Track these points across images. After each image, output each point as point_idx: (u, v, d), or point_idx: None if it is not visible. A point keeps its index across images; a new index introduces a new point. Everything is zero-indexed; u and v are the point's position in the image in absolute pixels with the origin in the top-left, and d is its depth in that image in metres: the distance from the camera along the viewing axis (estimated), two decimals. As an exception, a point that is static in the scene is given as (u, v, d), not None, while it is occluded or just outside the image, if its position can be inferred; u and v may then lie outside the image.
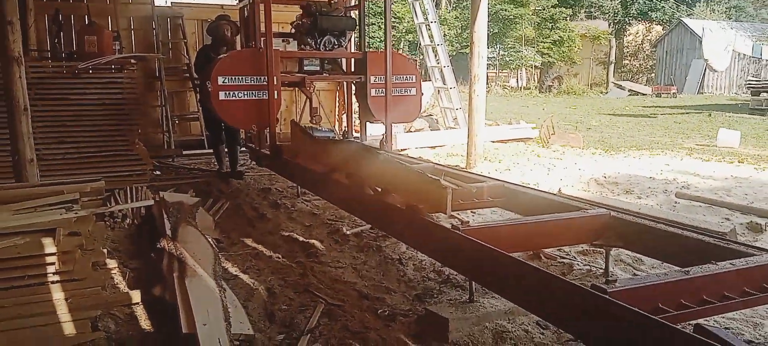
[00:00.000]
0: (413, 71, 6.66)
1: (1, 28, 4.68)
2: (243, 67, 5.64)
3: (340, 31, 6.27)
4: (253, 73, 5.65)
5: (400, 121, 6.92)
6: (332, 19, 6.16)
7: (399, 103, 6.36)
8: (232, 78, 5.58)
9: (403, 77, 6.44)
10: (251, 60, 5.70)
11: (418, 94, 6.61)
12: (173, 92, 9.48)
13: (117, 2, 9.03)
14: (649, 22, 39.26)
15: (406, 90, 6.48)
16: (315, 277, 3.88)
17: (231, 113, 5.66)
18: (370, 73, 6.22)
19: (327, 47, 6.16)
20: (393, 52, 6.49)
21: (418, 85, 6.59)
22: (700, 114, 17.58)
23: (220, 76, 5.55)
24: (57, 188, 3.62)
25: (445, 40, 13.77)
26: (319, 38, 6.11)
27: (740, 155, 9.06)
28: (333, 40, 6.19)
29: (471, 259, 2.81)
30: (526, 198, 3.72)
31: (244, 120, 5.78)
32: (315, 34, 6.10)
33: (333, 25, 6.16)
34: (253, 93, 5.65)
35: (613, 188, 6.61)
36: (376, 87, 6.27)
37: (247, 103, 5.64)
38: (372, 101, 6.26)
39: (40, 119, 6.14)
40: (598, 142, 11.07)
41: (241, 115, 5.69)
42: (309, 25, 6.13)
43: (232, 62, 5.68)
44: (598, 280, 3.53)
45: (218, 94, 5.54)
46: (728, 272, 2.31)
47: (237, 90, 5.59)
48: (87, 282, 3.06)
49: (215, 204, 5.78)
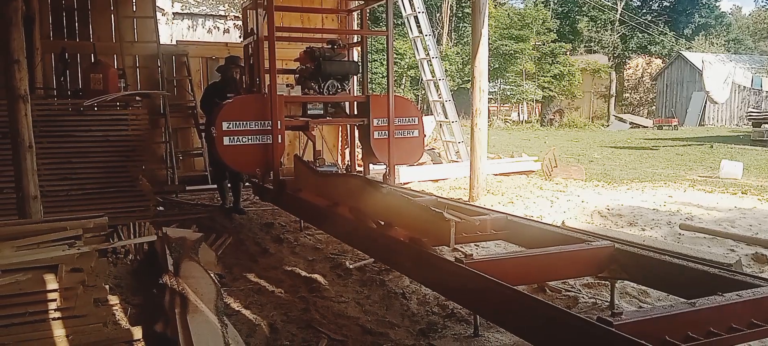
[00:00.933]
0: (415, 113, 6.74)
1: (8, 67, 4.76)
2: (247, 113, 5.70)
3: (343, 75, 6.34)
4: (257, 118, 5.70)
5: (403, 162, 7.06)
6: (335, 64, 6.24)
7: (401, 145, 6.44)
8: (237, 123, 5.64)
9: (405, 119, 6.51)
10: (255, 105, 5.76)
11: (420, 135, 6.67)
12: (177, 129, 9.55)
13: (123, 40, 9.16)
14: (649, 56, 39.62)
15: (409, 132, 6.55)
16: (318, 312, 3.84)
17: (235, 158, 5.70)
18: (372, 116, 6.29)
19: (330, 91, 6.22)
20: (395, 95, 6.58)
21: (420, 126, 6.66)
22: (701, 146, 17.61)
23: (224, 122, 5.60)
24: (60, 225, 3.64)
25: (446, 75, 13.90)
26: (323, 82, 6.18)
27: (743, 186, 9.04)
28: (336, 84, 6.25)
29: (475, 292, 2.79)
30: (529, 231, 3.71)
31: (248, 164, 5.79)
32: (318, 78, 6.17)
33: (336, 70, 6.23)
34: (257, 137, 5.71)
35: (617, 220, 6.58)
36: (378, 129, 6.34)
37: (251, 148, 5.69)
38: (375, 143, 6.33)
39: (45, 156, 6.18)
40: (601, 174, 11.07)
41: (245, 160, 5.72)
42: (312, 69, 6.19)
43: (237, 108, 5.74)
44: (604, 313, 3.49)
45: (222, 140, 5.60)
46: (735, 304, 2.28)
47: (241, 135, 5.66)
48: (89, 318, 3.05)
49: (218, 239, 5.77)
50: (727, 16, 46.86)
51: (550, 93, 32.13)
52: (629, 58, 40.38)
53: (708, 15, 42.19)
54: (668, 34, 39.92)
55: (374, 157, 6.41)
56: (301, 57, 6.49)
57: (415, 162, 7.22)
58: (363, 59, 6.85)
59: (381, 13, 24.42)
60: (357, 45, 7.20)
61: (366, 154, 6.57)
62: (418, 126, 6.64)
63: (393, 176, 6.43)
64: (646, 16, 41.31)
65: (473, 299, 2.88)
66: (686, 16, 41.63)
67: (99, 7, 9.14)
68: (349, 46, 7.09)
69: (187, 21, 24.85)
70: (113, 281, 4.43)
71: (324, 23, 10.32)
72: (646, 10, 42.52)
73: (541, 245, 3.34)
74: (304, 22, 9.56)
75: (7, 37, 4.71)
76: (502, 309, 2.62)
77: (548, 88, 31.76)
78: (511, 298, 2.53)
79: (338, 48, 6.49)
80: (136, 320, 3.74)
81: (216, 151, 5.72)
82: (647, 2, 43.56)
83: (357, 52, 7.55)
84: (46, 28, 8.70)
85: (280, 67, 6.49)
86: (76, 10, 9.02)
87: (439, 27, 36.29)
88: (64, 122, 6.71)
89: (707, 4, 42.05)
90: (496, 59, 29.98)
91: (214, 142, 5.63)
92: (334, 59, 6.29)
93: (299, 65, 6.51)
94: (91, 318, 3.06)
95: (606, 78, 35.73)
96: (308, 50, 6.36)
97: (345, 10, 9.15)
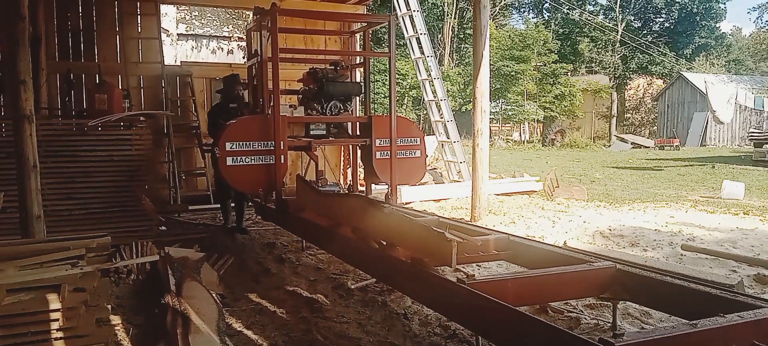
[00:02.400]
0: (417, 133, 6.79)
1: (14, 88, 4.80)
2: (251, 133, 5.76)
3: (345, 96, 6.40)
4: (260, 139, 5.77)
5: (405, 182, 7.04)
6: (338, 85, 6.31)
7: (403, 166, 6.48)
8: (240, 144, 5.70)
9: (407, 140, 6.55)
10: (259, 126, 5.84)
11: (422, 156, 6.70)
12: (181, 148, 9.60)
13: (127, 61, 9.25)
14: (650, 76, 39.79)
15: (411, 152, 6.59)
16: (319, 333, 3.84)
17: (238, 178, 5.75)
18: (374, 137, 6.34)
19: (333, 112, 6.27)
20: (397, 115, 6.63)
21: (421, 147, 6.69)
22: (703, 166, 17.61)
23: (228, 142, 5.67)
24: (63, 244, 3.65)
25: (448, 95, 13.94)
26: (326, 103, 6.24)
27: (745, 207, 9.03)
28: (339, 105, 6.30)
29: (477, 313, 2.79)
30: (531, 251, 3.71)
31: (251, 184, 5.84)
32: (321, 99, 6.22)
33: (339, 91, 6.30)
34: (261, 158, 5.77)
35: (619, 241, 6.57)
36: (381, 150, 6.38)
37: (254, 168, 5.75)
38: (377, 164, 6.37)
39: (49, 176, 6.20)
40: (603, 194, 11.07)
41: (248, 180, 5.77)
42: (315, 90, 6.25)
43: (240, 128, 5.80)
44: (606, 334, 3.48)
45: (226, 160, 5.66)
46: (737, 325, 2.29)
47: (244, 155, 5.72)
48: (91, 338, 3.04)
49: (220, 259, 5.77)
50: (728, 36, 47.10)
51: (552, 113, 32.24)
52: (630, 79, 40.57)
53: (708, 36, 42.42)
54: (669, 54, 40.12)
55: (376, 177, 6.46)
56: (304, 78, 6.55)
57: (417, 182, 7.23)
58: (365, 80, 6.91)
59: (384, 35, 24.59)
60: (360, 66, 7.28)
61: (368, 175, 6.61)
62: (420, 146, 6.69)
63: (395, 196, 6.44)
64: (646, 36, 41.55)
65: (475, 319, 2.88)
66: (686, 36, 41.87)
67: (104, 28, 9.24)
68: (352, 67, 7.18)
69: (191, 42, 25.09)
70: (115, 301, 4.44)
71: (327, 45, 10.43)
72: (646, 31, 42.79)
73: (543, 266, 3.35)
74: (307, 44, 9.65)
75: (14, 57, 4.76)
76: (504, 330, 2.62)
77: (549, 109, 31.87)
78: (513, 319, 2.53)
79: (341, 69, 6.57)
80: (137, 340, 3.74)
81: (219, 171, 5.78)
82: (648, 23, 43.85)
83: (359, 73, 7.62)
84: (52, 48, 8.79)
85: (283, 87, 6.55)
86: (81, 32, 9.12)
87: (440, 48, 36.52)
88: (68, 142, 6.74)
89: (707, 25, 42.30)
90: (498, 80, 30.14)
91: (217, 162, 5.66)
92: (337, 80, 6.37)
93: (302, 86, 6.55)
94: (93, 338, 3.06)
95: (607, 98, 35.90)
96: (311, 71, 6.43)
97: (348, 32, 9.26)
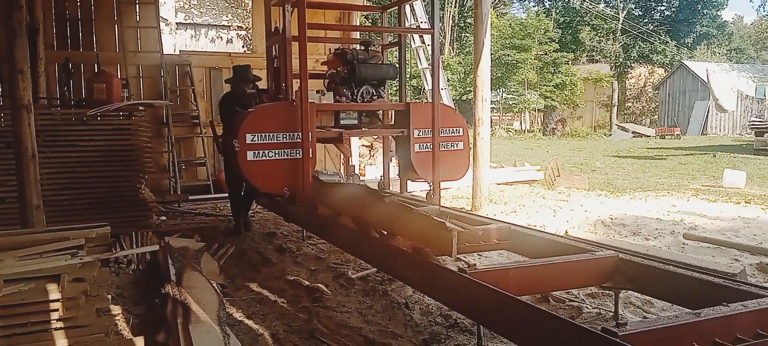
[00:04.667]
0: (460, 123, 5.95)
1: (12, 77, 4.78)
2: (274, 123, 5.02)
3: (379, 80, 5.66)
4: (285, 129, 5.03)
5: (447, 179, 5.97)
6: (371, 68, 5.57)
7: (445, 159, 5.67)
8: (263, 135, 4.97)
9: (449, 130, 5.76)
10: (283, 114, 5.07)
11: (465, 148, 5.92)
12: (180, 138, 9.58)
13: (126, 50, 9.20)
14: (651, 65, 39.67)
15: (453, 144, 5.78)
16: (320, 322, 3.83)
17: (260, 175, 5.00)
18: (413, 127, 5.57)
19: (365, 98, 5.56)
20: (440, 103, 5.84)
21: (465, 138, 5.91)
22: (705, 155, 17.58)
23: (248, 134, 4.91)
24: (62, 234, 3.63)
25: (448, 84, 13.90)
26: (357, 88, 5.52)
27: (747, 196, 9.01)
28: (371, 91, 5.59)
29: (478, 302, 2.78)
30: (532, 240, 3.70)
31: (276, 183, 5.06)
32: (352, 84, 5.52)
33: (372, 74, 5.57)
34: (286, 152, 5.04)
35: (620, 230, 6.56)
36: (420, 142, 5.60)
37: (278, 164, 5.02)
38: (415, 157, 5.59)
39: (48, 165, 6.18)
40: (604, 183, 11.05)
41: (271, 177, 5.03)
42: (345, 74, 5.55)
43: (263, 117, 5.04)
44: (608, 323, 3.47)
45: (246, 154, 4.90)
46: (740, 314, 2.27)
47: (268, 149, 4.98)
48: (91, 328, 3.04)
49: (220, 249, 5.76)
50: (729, 25, 46.91)
51: (552, 102, 32.16)
52: (631, 68, 40.43)
53: (710, 24, 42.24)
54: (670, 43, 39.97)
55: (414, 173, 5.68)
56: (331, 60, 5.82)
57: (460, 178, 6.20)
58: (401, 62, 6.13)
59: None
60: (392, 46, 6.58)
61: (404, 170, 5.83)
62: (464, 137, 5.89)
63: (438, 194, 5.57)
64: (647, 25, 41.36)
65: (476, 309, 2.87)
66: (688, 25, 41.68)
67: (103, 17, 9.19)
68: (384, 48, 6.34)
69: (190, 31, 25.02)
70: (115, 291, 4.43)
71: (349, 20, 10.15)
72: (647, 20, 42.58)
73: (545, 255, 3.34)
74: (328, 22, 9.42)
75: (12, 47, 4.73)
76: (506, 319, 2.60)
77: (550, 98, 31.79)
78: (514, 308, 2.52)
79: (372, 50, 5.82)
80: (138, 330, 3.73)
81: (237, 168, 4.99)
82: (649, 12, 43.64)
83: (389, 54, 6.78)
84: (50, 38, 8.75)
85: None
86: (80, 21, 9.07)
87: (441, 37, 36.36)
88: (67, 132, 6.71)
89: (709, 14, 42.11)
90: (499, 69, 30.03)
91: (235, 157, 4.92)
92: (370, 62, 5.61)
93: (327, 69, 5.82)
94: (93, 328, 3.06)
95: (608, 87, 35.80)
96: (339, 52, 5.70)
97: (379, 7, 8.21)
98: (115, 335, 3.60)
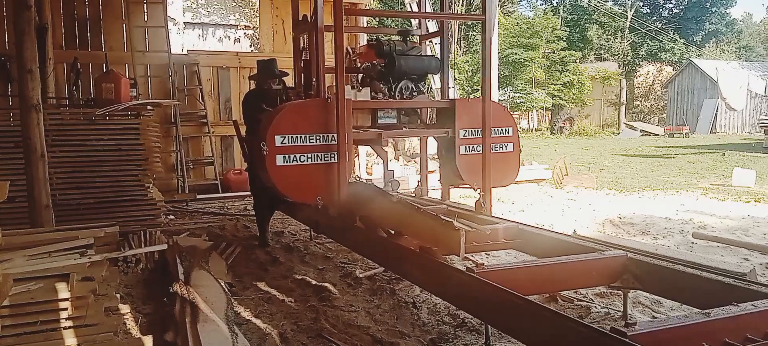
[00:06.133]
0: (510, 122, 5.34)
1: (21, 77, 4.81)
2: (307, 123, 4.44)
3: (420, 73, 5.11)
4: (318, 130, 4.46)
5: (497, 185, 5.30)
6: (412, 60, 5.03)
7: (494, 163, 5.11)
8: (295, 137, 4.40)
9: (498, 130, 5.18)
10: (317, 113, 4.48)
11: (516, 150, 5.31)
12: (188, 137, 9.63)
13: (134, 50, 9.25)
14: (659, 63, 39.46)
15: (502, 146, 5.19)
16: (328, 321, 3.83)
17: (292, 183, 4.42)
18: (458, 126, 4.98)
19: (404, 94, 5.00)
20: (488, 99, 5.24)
21: (515, 139, 5.30)
22: (713, 154, 17.47)
23: (278, 135, 4.34)
24: (71, 233, 3.66)
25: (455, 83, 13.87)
26: (395, 84, 4.97)
27: (756, 195, 8.94)
28: (410, 86, 5.03)
29: (486, 302, 2.77)
30: (541, 240, 3.68)
31: (308, 191, 4.48)
32: (389, 78, 4.96)
33: (413, 67, 5.02)
34: (319, 156, 4.48)
35: (629, 229, 6.53)
36: (466, 143, 5.03)
37: (311, 170, 4.45)
38: (461, 161, 5.00)
39: (57, 165, 6.22)
40: (612, 182, 11.00)
41: (303, 185, 4.45)
42: (381, 67, 5.03)
43: (294, 117, 4.46)
44: (617, 323, 3.46)
45: (275, 159, 4.35)
46: (750, 314, 2.25)
47: (299, 152, 4.42)
48: (100, 327, 3.05)
49: (228, 248, 5.78)
50: (738, 23, 46.57)
51: (560, 101, 32.05)
52: (639, 66, 40.25)
53: (718, 22, 41.98)
54: (678, 41, 39.75)
55: (459, 178, 5.09)
56: (365, 52, 5.37)
57: (510, 183, 5.55)
58: (443, 53, 5.52)
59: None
60: (433, 36, 6.12)
61: (447, 175, 5.23)
62: (513, 138, 5.27)
63: (490, 202, 4.98)
64: (656, 23, 41.16)
65: (484, 309, 2.86)
66: (696, 23, 41.44)
67: (111, 17, 9.25)
68: (422, 38, 5.84)
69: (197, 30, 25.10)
70: (124, 290, 4.45)
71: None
72: (656, 18, 42.37)
73: (553, 254, 3.32)
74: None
75: (20, 47, 4.76)
76: (514, 319, 2.59)
77: (558, 96, 31.68)
78: (522, 308, 2.51)
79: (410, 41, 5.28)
80: (146, 329, 3.75)
81: (265, 174, 4.43)
82: (657, 9, 43.42)
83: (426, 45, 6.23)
84: (58, 37, 8.81)
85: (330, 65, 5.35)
86: (88, 20, 9.14)
87: (448, 35, 36.29)
88: (75, 131, 6.74)
89: (717, 12, 41.85)
90: (506, 67, 29.96)
91: (263, 161, 4.36)
92: (410, 54, 5.09)
93: (359, 62, 5.34)
94: (102, 327, 3.07)
95: (616, 86, 35.65)
96: (374, 43, 5.24)
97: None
98: (123, 334, 3.62)
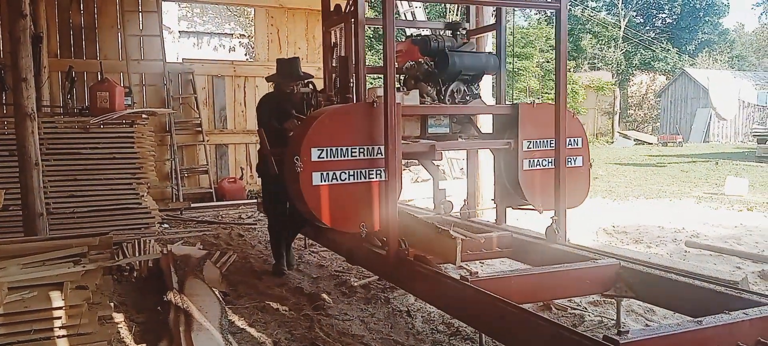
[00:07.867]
0: (579, 132, 4.41)
1: (16, 85, 4.81)
2: (349, 133, 3.66)
3: (475, 73, 4.35)
4: (361, 142, 3.67)
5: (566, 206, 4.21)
6: (467, 57, 4.26)
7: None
8: (334, 150, 3.60)
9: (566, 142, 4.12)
10: (360, 121, 3.69)
11: (585, 165, 4.44)
12: (183, 146, 9.62)
13: (129, 59, 9.24)
14: (652, 72, 39.70)
15: (571, 160, 4.24)
16: (322, 330, 3.83)
17: (332, 207, 3.63)
18: (522, 137, 4.18)
19: (456, 98, 4.24)
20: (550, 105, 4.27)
21: (585, 152, 4.43)
22: (706, 162, 17.55)
23: (315, 148, 3.56)
24: (66, 242, 3.65)
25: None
26: (445, 86, 4.20)
27: (749, 203, 9.00)
28: (462, 88, 4.27)
29: (481, 311, 2.78)
30: (535, 248, 3.71)
31: (350, 216, 3.70)
32: (439, 80, 4.19)
33: (469, 65, 4.24)
34: (363, 173, 3.68)
35: (622, 237, 6.56)
36: (530, 156, 4.22)
37: (353, 190, 3.67)
38: (524, 177, 4.21)
39: (51, 174, 6.21)
40: (606, 191, 11.04)
41: (344, 209, 3.67)
42: (429, 67, 4.25)
43: (334, 125, 3.66)
44: (610, 331, 3.47)
45: (311, 178, 3.55)
46: (742, 322, 2.27)
47: (340, 169, 3.63)
48: (93, 336, 3.04)
49: (222, 257, 5.77)
50: (731, 32, 46.92)
51: (554, 110, 32.12)
52: (633, 75, 40.46)
53: (711, 32, 42.28)
54: (671, 50, 40.02)
55: (520, 197, 4.33)
56: (407, 49, 4.50)
57: (579, 204, 4.56)
58: (500, 50, 4.74)
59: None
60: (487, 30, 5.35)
61: (505, 194, 4.46)
62: (583, 151, 4.40)
63: (564, 226, 3.97)
64: (649, 32, 41.42)
65: (479, 317, 2.87)
66: (689, 32, 41.73)
67: (106, 25, 9.26)
68: (470, 34, 4.93)
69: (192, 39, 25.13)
70: (118, 299, 4.43)
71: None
72: (649, 27, 42.65)
73: (547, 263, 3.34)
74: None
75: (15, 55, 4.77)
76: (508, 328, 2.61)
77: (552, 105, 31.76)
78: (516, 316, 2.52)
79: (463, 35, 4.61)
80: (140, 337, 3.73)
81: (298, 195, 3.62)
82: (650, 19, 43.71)
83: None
84: (53, 46, 8.82)
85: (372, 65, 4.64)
86: (83, 29, 9.13)
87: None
88: (70, 140, 6.74)
89: (710, 21, 42.17)
90: (500, 76, 30.05)
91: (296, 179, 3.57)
92: (464, 51, 4.33)
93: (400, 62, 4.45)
94: (95, 336, 3.06)
95: (610, 95, 35.77)
96: (418, 40, 4.41)
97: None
98: (117, 342, 3.60)
